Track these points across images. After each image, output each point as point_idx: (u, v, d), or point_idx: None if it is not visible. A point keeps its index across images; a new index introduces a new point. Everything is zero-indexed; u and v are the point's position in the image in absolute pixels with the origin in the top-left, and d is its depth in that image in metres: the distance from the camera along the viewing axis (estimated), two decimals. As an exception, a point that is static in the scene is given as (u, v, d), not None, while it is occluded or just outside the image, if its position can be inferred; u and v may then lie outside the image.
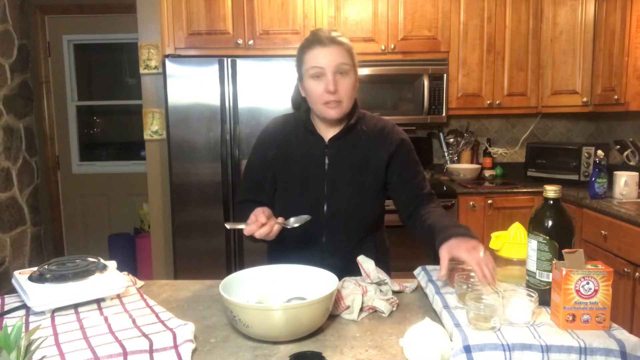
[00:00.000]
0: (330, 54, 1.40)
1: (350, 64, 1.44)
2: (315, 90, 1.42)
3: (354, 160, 1.50)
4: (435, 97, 3.32)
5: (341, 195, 1.47)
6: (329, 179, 1.49)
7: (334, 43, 1.41)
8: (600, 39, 3.18)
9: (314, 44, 1.42)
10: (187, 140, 3.08)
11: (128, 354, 0.98)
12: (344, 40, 1.44)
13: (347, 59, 1.42)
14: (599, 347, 1.00)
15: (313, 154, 1.50)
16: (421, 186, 1.55)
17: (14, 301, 1.29)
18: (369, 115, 1.58)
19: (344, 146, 1.50)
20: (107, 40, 4.47)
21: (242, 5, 3.22)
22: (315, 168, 1.49)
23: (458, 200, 3.17)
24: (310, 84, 1.43)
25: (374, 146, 1.51)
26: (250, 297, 1.24)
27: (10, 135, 3.72)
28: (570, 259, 1.07)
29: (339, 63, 1.40)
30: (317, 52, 1.41)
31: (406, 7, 3.32)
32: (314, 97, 1.44)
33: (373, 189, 1.52)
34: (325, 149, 1.50)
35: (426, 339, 1.01)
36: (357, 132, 1.52)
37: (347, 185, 1.49)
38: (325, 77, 1.40)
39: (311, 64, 1.41)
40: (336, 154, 1.50)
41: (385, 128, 1.54)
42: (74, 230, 4.56)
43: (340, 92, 1.41)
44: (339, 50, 1.41)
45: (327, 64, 1.40)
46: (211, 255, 3.12)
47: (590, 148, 3.21)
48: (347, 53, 1.43)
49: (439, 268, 1.29)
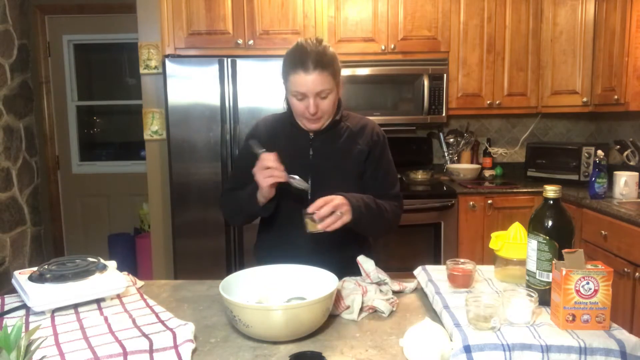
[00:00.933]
0: (313, 82, 1.45)
1: (332, 86, 1.49)
2: (298, 107, 1.51)
3: (337, 151, 1.58)
4: (435, 97, 3.32)
5: (325, 185, 1.51)
6: (313, 169, 1.56)
7: (318, 68, 1.44)
8: (600, 39, 3.17)
9: (298, 68, 1.45)
10: (187, 140, 3.08)
11: (128, 354, 0.98)
12: (328, 62, 1.46)
13: (329, 83, 1.47)
14: (599, 347, 1.00)
15: (298, 146, 1.59)
16: (390, 185, 1.64)
17: (14, 301, 1.29)
18: (353, 114, 1.67)
19: (327, 139, 1.59)
20: (107, 40, 4.46)
21: (242, 5, 3.22)
22: (300, 158, 1.57)
23: (458, 200, 3.17)
24: (293, 101, 1.52)
25: (356, 139, 1.60)
26: (250, 297, 1.24)
27: (10, 135, 3.72)
28: (570, 259, 1.07)
29: (321, 90, 1.46)
30: (301, 79, 1.45)
31: (406, 7, 3.32)
32: (296, 112, 1.54)
33: (356, 178, 1.60)
34: (309, 141, 1.59)
35: (426, 339, 1.01)
36: (341, 127, 1.61)
37: (331, 175, 1.56)
38: (307, 99, 1.48)
39: (294, 88, 1.48)
40: (320, 146, 1.58)
41: (367, 126, 1.64)
42: (74, 230, 4.55)
43: (320, 113, 1.51)
44: (322, 77, 1.45)
45: (309, 91, 1.46)
46: (211, 255, 3.12)
47: (590, 148, 3.21)
48: (330, 76, 1.47)
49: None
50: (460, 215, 3.18)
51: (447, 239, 3.18)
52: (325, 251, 1.48)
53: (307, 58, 1.44)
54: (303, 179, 1.47)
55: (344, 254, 1.49)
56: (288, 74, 1.49)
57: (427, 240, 3.20)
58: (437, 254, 3.19)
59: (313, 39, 1.51)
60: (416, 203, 3.11)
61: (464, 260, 1.36)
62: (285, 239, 1.58)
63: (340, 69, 1.53)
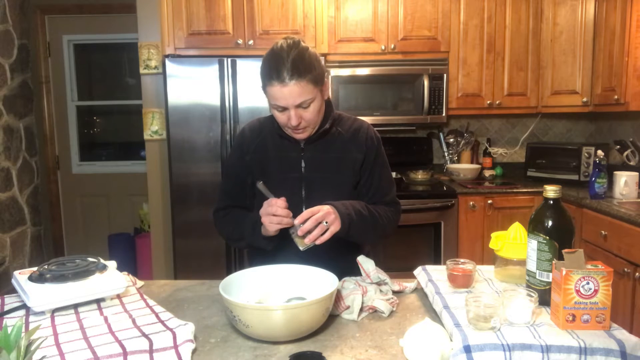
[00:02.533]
0: (291, 94, 1.33)
1: (313, 94, 1.37)
2: (280, 118, 1.42)
3: (329, 161, 1.50)
4: (435, 97, 3.32)
5: (319, 197, 1.43)
6: (306, 182, 1.49)
7: (295, 78, 1.31)
8: (600, 39, 3.18)
9: (274, 79, 1.33)
10: (187, 140, 3.08)
11: (128, 354, 0.98)
12: (306, 69, 1.33)
13: (310, 92, 1.35)
14: (599, 347, 1.00)
15: (289, 158, 1.50)
16: (385, 191, 1.57)
17: (14, 301, 1.29)
18: (345, 116, 1.58)
19: (319, 148, 1.50)
20: (107, 40, 4.46)
21: (242, 5, 3.22)
22: (291, 172, 1.49)
23: (458, 200, 3.17)
24: (275, 112, 1.42)
25: (350, 147, 1.52)
26: (250, 297, 1.24)
27: (10, 135, 3.72)
28: (570, 259, 1.07)
29: (301, 102, 1.36)
30: (277, 92, 1.34)
31: (406, 7, 3.32)
32: (279, 122, 1.44)
33: (351, 187, 1.53)
34: (301, 152, 1.50)
35: (426, 339, 1.01)
36: (333, 134, 1.52)
37: (324, 187, 1.49)
38: (288, 111, 1.38)
39: (272, 101, 1.38)
40: (312, 157, 1.50)
41: (360, 129, 1.55)
42: (74, 230, 4.56)
43: (304, 123, 1.41)
44: (300, 87, 1.33)
45: (288, 104, 1.36)
46: (211, 255, 3.12)
47: (590, 148, 3.21)
48: (311, 83, 1.35)
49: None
50: (460, 215, 3.18)
51: (447, 239, 3.18)
52: (320, 264, 1.35)
53: (282, 67, 1.32)
54: (296, 192, 1.42)
55: (339, 264, 1.38)
56: (265, 85, 1.38)
57: (427, 240, 3.20)
58: (437, 254, 3.19)
59: (290, 41, 1.37)
60: (416, 203, 3.11)
61: (464, 260, 1.36)
62: (278, 247, 1.47)
63: (323, 72, 1.40)
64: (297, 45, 1.37)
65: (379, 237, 1.56)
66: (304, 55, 1.35)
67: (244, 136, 1.57)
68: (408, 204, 3.05)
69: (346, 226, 1.37)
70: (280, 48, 1.36)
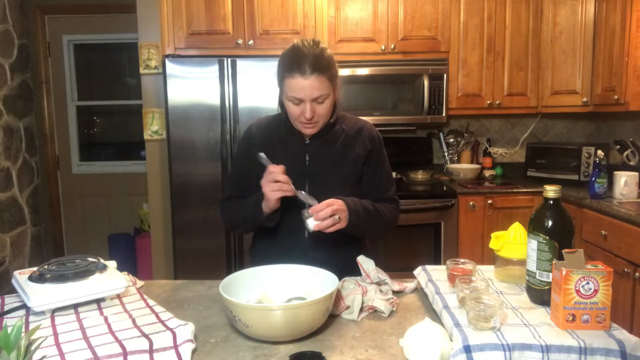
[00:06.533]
0: (310, 87, 1.40)
1: (329, 90, 1.45)
2: (293, 112, 1.47)
3: (333, 156, 1.55)
4: (435, 97, 3.32)
5: (323, 191, 1.47)
6: (310, 176, 1.54)
7: (315, 73, 1.39)
8: (600, 39, 3.17)
9: (295, 71, 1.40)
10: (187, 140, 3.08)
11: (128, 354, 0.98)
12: (326, 66, 1.42)
13: (326, 88, 1.43)
14: (599, 347, 1.00)
15: (294, 152, 1.55)
16: (387, 189, 1.63)
17: (14, 301, 1.29)
18: (349, 116, 1.64)
19: (323, 143, 1.56)
20: (107, 40, 4.46)
21: (242, 5, 3.22)
22: (296, 165, 1.53)
23: (458, 200, 3.17)
24: (289, 105, 1.47)
25: (353, 143, 1.57)
26: (250, 297, 1.24)
27: (10, 135, 3.72)
28: (570, 259, 1.07)
29: (318, 95, 1.42)
30: (298, 83, 1.40)
31: (406, 7, 3.32)
32: (291, 115, 1.50)
33: (353, 183, 1.58)
34: (305, 146, 1.56)
35: (426, 339, 1.01)
36: (337, 131, 1.58)
37: (328, 181, 1.54)
38: (304, 104, 1.43)
39: (290, 92, 1.43)
40: (316, 151, 1.55)
41: (363, 128, 1.61)
42: (74, 230, 4.55)
43: (316, 117, 1.47)
44: (319, 82, 1.40)
45: (306, 96, 1.42)
46: (211, 255, 3.12)
47: (590, 148, 3.21)
48: (328, 80, 1.43)
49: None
50: (460, 215, 3.18)
51: (447, 239, 3.18)
52: (322, 257, 1.43)
53: (304, 61, 1.39)
54: (300, 186, 1.45)
55: (341, 259, 1.45)
56: (284, 77, 1.44)
57: (427, 240, 3.20)
58: (437, 254, 3.19)
59: (310, 41, 1.46)
60: (416, 203, 3.11)
61: (464, 260, 1.36)
62: (280, 245, 1.56)
63: (337, 72, 1.48)
64: (317, 43, 1.46)
65: (382, 233, 1.63)
66: (324, 53, 1.44)
67: (250, 131, 1.63)
68: (408, 204, 3.05)
69: (353, 223, 1.43)
70: (302, 44, 1.45)
